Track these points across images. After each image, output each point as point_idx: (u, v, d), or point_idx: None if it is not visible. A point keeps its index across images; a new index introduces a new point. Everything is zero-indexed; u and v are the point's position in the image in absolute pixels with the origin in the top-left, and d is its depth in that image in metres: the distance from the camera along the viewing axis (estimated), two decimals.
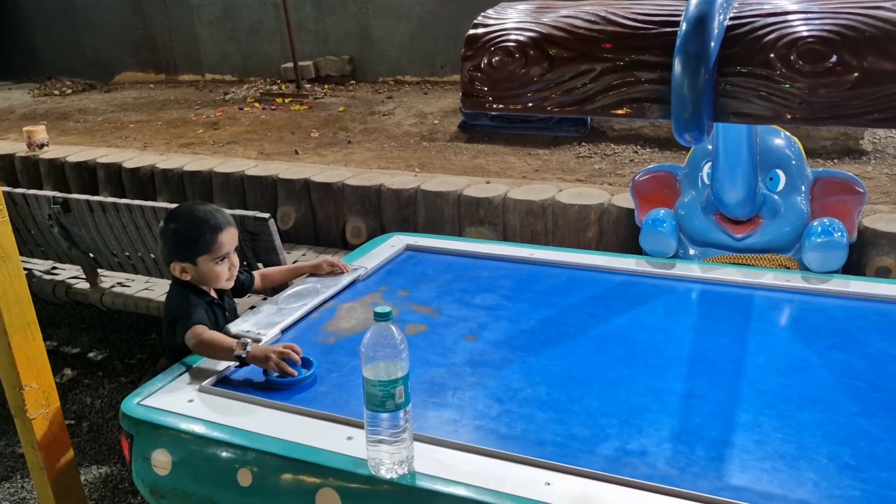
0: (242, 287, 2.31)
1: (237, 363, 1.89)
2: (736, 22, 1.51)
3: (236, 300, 2.33)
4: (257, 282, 2.38)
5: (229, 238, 2.08)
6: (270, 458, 1.61)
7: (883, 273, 2.84)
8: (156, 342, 3.71)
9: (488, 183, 3.76)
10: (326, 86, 6.89)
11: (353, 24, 7.07)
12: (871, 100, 1.37)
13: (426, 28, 6.76)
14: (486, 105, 1.76)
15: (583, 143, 4.58)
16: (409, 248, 2.75)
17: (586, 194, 3.46)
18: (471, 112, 4.98)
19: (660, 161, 4.08)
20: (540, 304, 2.27)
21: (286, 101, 6.40)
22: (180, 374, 1.92)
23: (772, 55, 1.43)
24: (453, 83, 6.52)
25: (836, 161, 3.87)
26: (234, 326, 2.08)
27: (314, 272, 2.45)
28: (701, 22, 1.47)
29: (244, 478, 1.63)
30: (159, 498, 1.75)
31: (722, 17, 1.52)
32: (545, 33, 1.70)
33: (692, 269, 2.42)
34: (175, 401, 1.81)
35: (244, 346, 1.86)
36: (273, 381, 1.84)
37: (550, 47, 1.68)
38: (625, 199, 3.32)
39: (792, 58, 1.41)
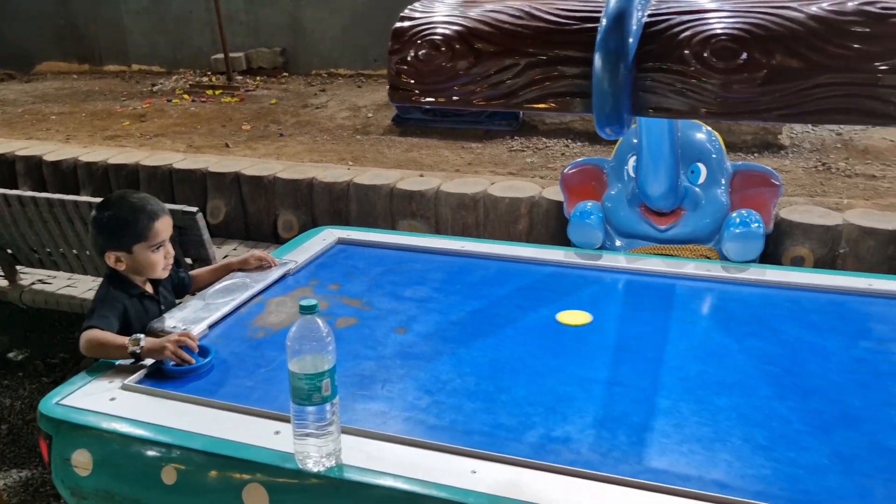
0: (184, 287, 2.28)
1: (133, 360, 1.86)
2: (654, 19, 1.56)
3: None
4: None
5: (165, 226, 2.05)
6: (195, 454, 1.59)
7: (798, 262, 2.96)
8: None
9: (421, 176, 3.78)
10: (258, 78, 6.78)
11: (285, 15, 6.97)
12: (780, 96, 1.43)
13: (360, 21, 6.72)
14: (413, 98, 1.76)
15: (515, 137, 4.64)
16: (340, 241, 2.73)
17: (517, 187, 3.51)
18: (404, 105, 4.98)
19: (590, 155, 4.15)
20: (470, 295, 2.29)
21: (217, 93, 6.28)
22: (103, 373, 1.87)
23: (687, 52, 1.48)
24: (387, 77, 6.49)
25: (756, 155, 4.02)
26: (159, 323, 2.04)
27: (242, 267, 2.42)
28: (620, 18, 1.51)
29: (169, 476, 1.60)
30: (81, 499, 1.70)
31: (640, 13, 1.56)
32: (471, 27, 1.71)
33: (618, 260, 2.48)
34: (96, 400, 1.77)
35: (136, 342, 1.83)
36: (170, 370, 1.83)
37: (476, 41, 1.69)
38: (555, 192, 3.37)
39: (705, 55, 1.45)
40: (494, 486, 1.43)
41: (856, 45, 1.36)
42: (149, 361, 1.87)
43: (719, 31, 1.46)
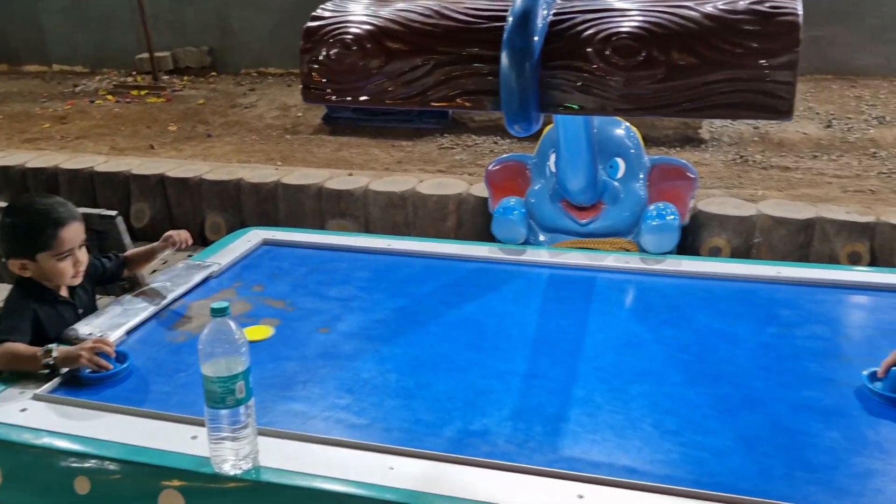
0: (110, 276, 2.22)
1: (46, 370, 1.80)
2: (559, 18, 1.59)
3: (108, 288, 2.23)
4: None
5: (73, 233, 1.97)
6: (108, 462, 1.56)
7: (715, 252, 3.06)
8: None
9: (350, 175, 3.77)
10: (185, 78, 6.65)
11: (212, 14, 6.85)
12: (679, 92, 1.48)
13: (289, 19, 6.64)
14: (326, 97, 1.76)
15: (445, 135, 4.66)
16: (266, 242, 2.71)
17: (445, 185, 3.53)
18: (332, 105, 4.95)
19: (519, 151, 4.21)
20: (395, 293, 2.30)
21: (142, 93, 6.13)
22: (14, 383, 1.81)
23: (590, 50, 1.51)
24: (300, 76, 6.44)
25: (677, 149, 4.13)
26: (74, 331, 1.99)
27: (165, 246, 2.31)
28: (525, 17, 1.53)
29: (82, 485, 1.57)
30: None
31: (546, 12, 1.59)
32: (382, 26, 1.72)
33: (541, 255, 2.52)
34: (6, 411, 1.71)
35: (48, 353, 1.77)
36: (86, 377, 1.79)
37: (387, 40, 1.70)
38: (482, 189, 3.41)
39: (607, 52, 1.49)
40: (411, 480, 1.45)
41: (747, 43, 1.42)
42: (65, 370, 1.82)
43: (620, 30, 1.50)
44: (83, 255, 2.03)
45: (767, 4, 1.45)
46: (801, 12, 1.43)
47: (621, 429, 1.60)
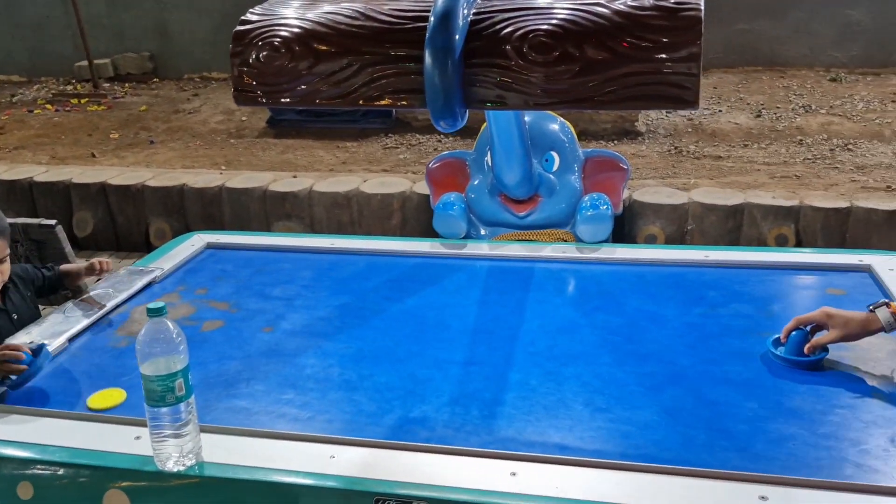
0: (49, 286, 2.22)
1: None
2: (478, 17, 1.65)
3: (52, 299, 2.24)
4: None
5: None
6: (51, 466, 1.57)
7: (650, 240, 3.16)
8: None
9: (294, 177, 3.79)
10: (127, 84, 6.57)
11: (150, 19, 6.77)
12: (594, 85, 1.55)
13: (230, 22, 6.58)
14: (258, 100, 1.79)
15: (389, 135, 4.71)
16: (209, 246, 2.72)
17: (389, 183, 3.58)
18: (275, 107, 4.96)
19: (463, 149, 4.28)
20: (338, 291, 2.34)
21: (82, 101, 6.04)
22: None
23: (508, 47, 1.57)
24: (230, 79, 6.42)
25: (615, 142, 4.25)
26: (17, 338, 1.99)
27: (88, 273, 2.35)
28: (446, 17, 1.59)
29: (25, 491, 1.58)
30: None
31: (466, 11, 1.65)
32: (309, 29, 1.75)
33: (481, 248, 2.59)
34: None
35: None
36: (10, 384, 1.77)
37: (314, 42, 1.73)
38: (426, 187, 3.46)
39: (525, 49, 1.55)
40: (352, 468, 1.49)
41: (653, 37, 1.50)
42: None
43: (537, 28, 1.57)
44: (6, 268, 2.06)
45: (672, 1, 1.53)
46: (702, 7, 1.51)
47: (554, 408, 1.66)
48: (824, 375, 1.74)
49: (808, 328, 1.79)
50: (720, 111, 4.63)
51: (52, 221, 2.72)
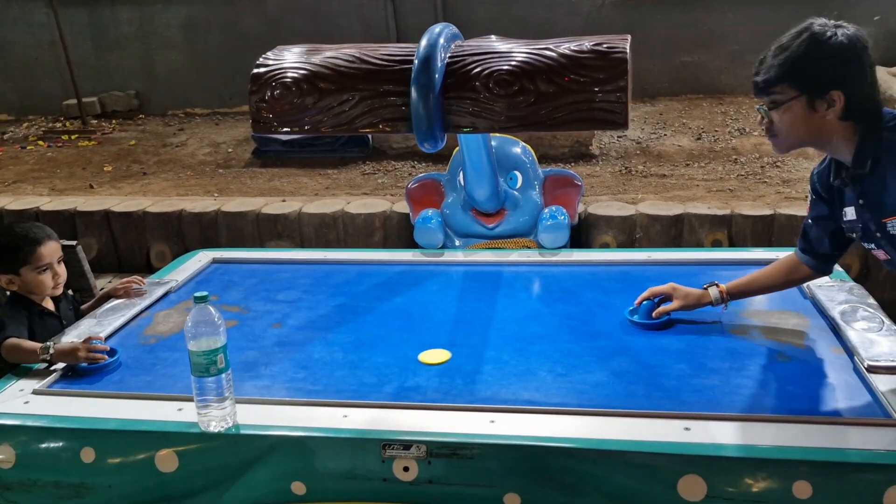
0: (78, 314, 2.53)
1: (46, 364, 2.13)
2: (453, 59, 2.05)
3: None
4: None
5: (49, 250, 2.34)
6: (108, 434, 1.86)
7: (604, 247, 3.57)
8: None
9: (284, 201, 4.14)
10: (114, 121, 6.88)
11: (136, 59, 7.12)
12: (545, 112, 1.95)
13: (212, 61, 6.98)
14: (272, 129, 2.17)
15: (367, 162, 5.09)
16: (215, 261, 3.04)
17: (371, 204, 3.95)
18: (262, 139, 5.32)
19: (436, 171, 4.67)
20: (335, 294, 2.68)
21: (73, 137, 6.34)
22: (13, 383, 2.12)
23: (477, 83, 1.98)
24: (243, 113, 6.81)
25: (572, 163, 4.68)
26: (57, 340, 2.30)
27: (113, 294, 2.64)
28: (427, 60, 1.99)
29: (87, 455, 1.87)
30: (4, 490, 1.94)
31: (443, 55, 2.05)
32: (314, 70, 2.14)
33: (457, 256, 2.96)
34: (11, 405, 2.01)
35: (46, 349, 2.11)
36: (83, 368, 2.11)
37: (319, 81, 2.13)
38: (404, 206, 3.85)
39: (490, 85, 1.96)
40: (362, 423, 1.83)
41: (590, 74, 1.91)
42: (60, 365, 2.15)
43: (498, 68, 1.98)
44: (62, 270, 2.38)
45: (605, 46, 1.95)
46: (628, 51, 1.93)
47: (523, 376, 2.02)
48: (737, 343, 2.13)
49: (657, 299, 2.25)
50: (665, 135, 5.11)
51: (73, 242, 3.02)
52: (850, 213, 1.83)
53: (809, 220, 2.06)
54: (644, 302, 2.26)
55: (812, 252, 2.09)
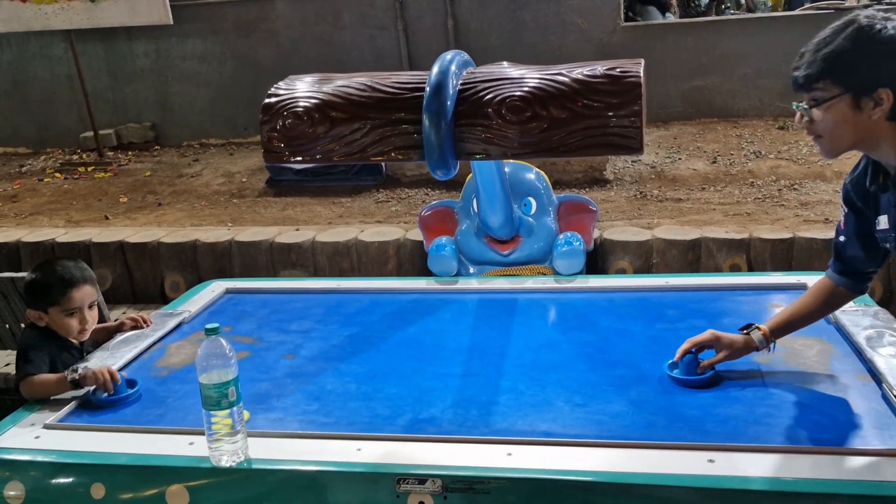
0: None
1: (74, 388, 2.12)
2: (464, 87, 2.04)
3: None
4: None
5: (82, 294, 2.30)
6: (119, 469, 1.84)
7: (621, 273, 3.53)
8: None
9: (297, 230, 4.14)
10: (130, 152, 6.95)
11: (151, 92, 7.21)
12: (558, 138, 1.93)
13: (226, 93, 7.05)
14: (284, 159, 2.16)
15: (381, 190, 5.09)
16: (228, 291, 3.03)
17: (384, 232, 3.94)
18: (276, 168, 5.35)
19: (449, 199, 4.66)
20: (347, 323, 2.66)
21: (89, 169, 6.40)
22: (25, 417, 2.11)
23: (490, 110, 1.96)
24: (257, 143, 6.85)
25: (586, 189, 4.66)
26: (76, 368, 2.28)
27: (120, 330, 2.60)
28: (439, 87, 1.98)
29: (97, 491, 1.85)
30: None
31: (455, 82, 2.04)
32: (326, 100, 2.14)
33: (471, 283, 2.93)
34: (22, 440, 2.00)
35: (75, 371, 2.11)
36: (101, 400, 2.10)
37: (331, 110, 2.12)
38: (418, 234, 3.83)
39: (503, 111, 1.94)
40: (375, 457, 1.80)
41: (603, 99, 1.89)
42: (72, 398, 2.13)
43: (511, 94, 1.96)
44: (93, 315, 2.34)
45: (618, 70, 1.93)
46: (642, 74, 1.91)
47: (540, 406, 1.98)
48: (761, 371, 2.07)
49: (695, 350, 2.02)
50: (680, 159, 5.08)
51: None
52: (883, 221, 1.71)
53: (841, 238, 1.91)
54: (687, 356, 2.03)
55: (849, 272, 1.94)
